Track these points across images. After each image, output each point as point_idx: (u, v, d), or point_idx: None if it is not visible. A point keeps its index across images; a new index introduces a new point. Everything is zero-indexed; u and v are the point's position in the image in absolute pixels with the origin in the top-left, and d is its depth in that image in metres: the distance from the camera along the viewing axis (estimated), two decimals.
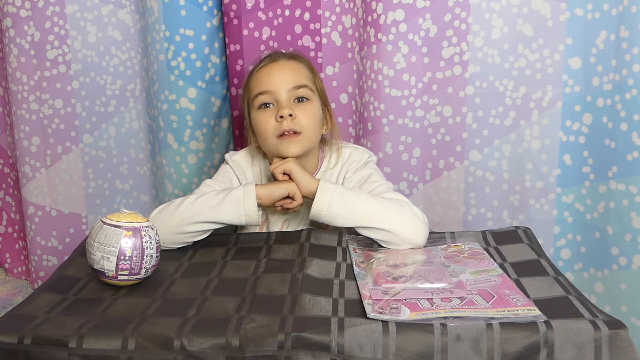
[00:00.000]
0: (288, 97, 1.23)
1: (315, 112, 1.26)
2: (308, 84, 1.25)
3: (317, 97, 1.27)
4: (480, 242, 1.10)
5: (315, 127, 1.26)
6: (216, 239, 1.16)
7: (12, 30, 1.58)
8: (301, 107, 1.24)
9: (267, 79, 1.25)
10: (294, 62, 1.28)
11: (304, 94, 1.24)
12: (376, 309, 0.83)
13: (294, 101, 1.24)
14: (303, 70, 1.28)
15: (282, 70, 1.26)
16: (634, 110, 1.26)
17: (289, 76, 1.25)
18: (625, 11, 1.26)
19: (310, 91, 1.25)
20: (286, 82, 1.24)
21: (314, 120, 1.25)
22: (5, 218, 1.87)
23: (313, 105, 1.25)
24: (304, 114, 1.23)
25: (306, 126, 1.23)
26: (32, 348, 0.81)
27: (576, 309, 0.83)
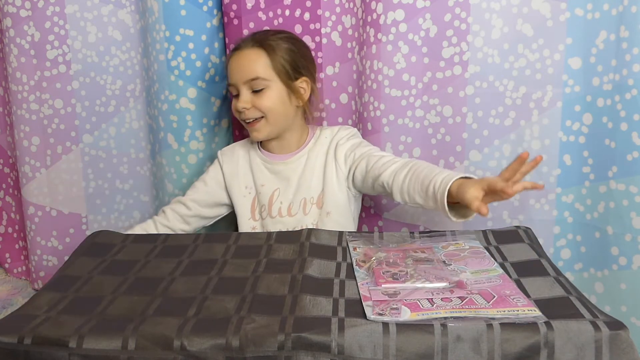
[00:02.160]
0: (246, 88, 1.36)
1: (274, 96, 1.36)
2: (261, 75, 1.34)
3: (277, 80, 1.35)
4: (481, 241, 1.10)
5: (278, 109, 1.36)
6: (216, 237, 1.16)
7: (12, 30, 1.58)
8: (258, 96, 1.35)
9: (230, 71, 1.38)
10: (254, 51, 1.36)
11: (258, 85, 1.34)
12: (376, 311, 0.83)
13: (253, 91, 1.35)
14: (259, 59, 1.35)
15: (239, 62, 1.37)
16: (634, 110, 1.26)
17: (244, 68, 1.35)
18: (625, 11, 1.26)
19: (264, 80, 1.34)
20: (241, 75, 1.35)
21: (273, 103, 1.35)
22: (5, 218, 1.87)
23: (270, 92, 1.35)
24: (260, 101, 1.35)
25: (266, 110, 1.35)
26: (32, 348, 0.82)
27: (577, 310, 0.83)
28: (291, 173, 1.40)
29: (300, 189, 1.39)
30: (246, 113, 1.36)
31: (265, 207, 1.40)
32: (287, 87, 1.36)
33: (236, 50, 1.39)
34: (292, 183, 1.39)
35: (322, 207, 1.37)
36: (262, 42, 1.36)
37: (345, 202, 1.38)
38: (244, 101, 1.35)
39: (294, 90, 1.37)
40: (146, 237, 1.19)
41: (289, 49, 1.37)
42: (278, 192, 1.40)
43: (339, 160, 1.37)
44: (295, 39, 1.43)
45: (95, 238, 1.18)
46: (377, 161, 1.30)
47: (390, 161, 1.28)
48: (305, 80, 1.39)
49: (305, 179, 1.39)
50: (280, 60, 1.35)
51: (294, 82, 1.37)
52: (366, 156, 1.33)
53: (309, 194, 1.38)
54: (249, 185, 1.43)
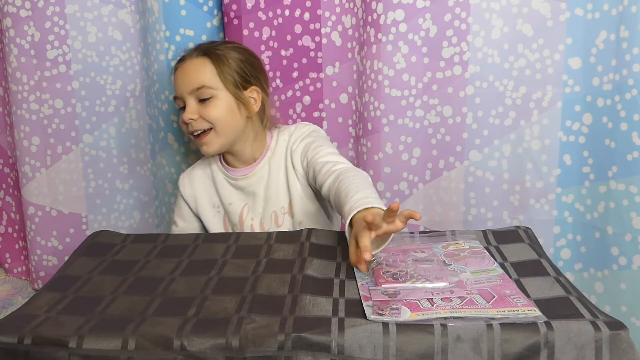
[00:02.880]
0: (192, 98, 1.29)
1: (222, 105, 1.29)
2: (206, 83, 1.28)
3: (223, 89, 1.29)
4: (481, 240, 1.10)
5: (226, 118, 1.29)
6: (216, 237, 1.16)
7: (12, 30, 1.58)
8: (205, 105, 1.28)
9: (175, 83, 1.32)
10: (198, 60, 1.30)
11: (205, 94, 1.28)
12: (376, 311, 0.83)
13: (199, 101, 1.29)
14: (204, 67, 1.29)
15: (183, 73, 1.31)
16: (634, 110, 1.26)
17: (189, 78, 1.29)
18: (625, 11, 1.26)
19: (210, 89, 1.28)
20: (186, 85, 1.29)
21: (221, 113, 1.29)
22: (5, 218, 1.87)
23: (218, 100, 1.29)
24: (208, 111, 1.28)
25: (214, 120, 1.28)
26: (32, 348, 0.81)
27: (577, 310, 0.83)
28: (256, 187, 1.34)
29: (269, 202, 1.33)
30: (193, 124, 1.28)
31: (237, 225, 1.35)
32: (236, 97, 1.30)
33: (180, 61, 1.33)
34: (259, 197, 1.33)
35: (294, 216, 1.32)
36: (207, 51, 1.31)
37: (316, 208, 1.32)
38: (190, 112, 1.28)
39: (243, 101, 1.31)
40: (146, 237, 1.19)
41: (237, 57, 1.31)
42: (247, 208, 1.34)
43: (296, 167, 1.32)
44: (243, 48, 1.37)
45: (95, 238, 1.18)
46: (320, 169, 1.23)
47: (328, 171, 1.21)
48: (255, 90, 1.32)
49: (271, 191, 1.33)
50: (226, 69, 1.30)
51: (243, 92, 1.31)
52: (312, 164, 1.27)
53: (278, 205, 1.33)
54: (216, 204, 1.38)
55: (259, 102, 1.33)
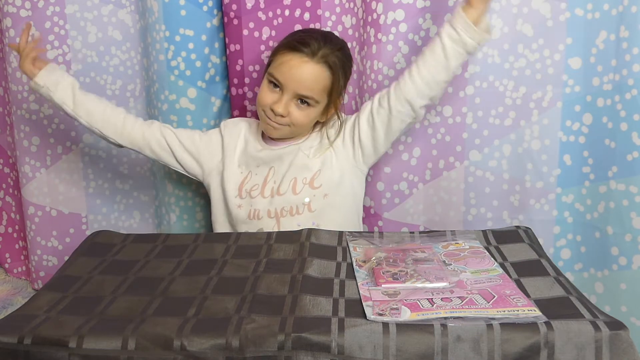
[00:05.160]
0: (292, 96, 1.28)
1: (312, 115, 1.31)
2: (316, 96, 1.28)
3: (323, 102, 1.31)
4: (481, 240, 1.10)
5: (306, 125, 1.33)
6: (216, 237, 1.16)
7: (12, 30, 1.58)
8: (300, 108, 1.29)
9: (285, 70, 1.27)
10: (319, 69, 1.27)
11: (308, 100, 1.29)
12: (376, 311, 0.83)
13: (297, 99, 1.28)
14: (323, 81, 1.28)
15: (301, 72, 1.27)
16: (634, 110, 1.26)
17: (302, 83, 1.27)
18: (625, 11, 1.26)
19: (314, 101, 1.29)
20: (297, 86, 1.27)
21: (306, 120, 1.31)
22: (5, 218, 1.87)
23: (312, 111, 1.30)
24: (299, 114, 1.30)
25: (296, 123, 1.30)
26: (32, 348, 0.82)
27: (577, 310, 0.83)
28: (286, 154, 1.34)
29: (292, 167, 1.32)
30: (278, 119, 1.29)
31: (258, 186, 1.33)
32: (327, 106, 1.33)
33: (302, 53, 1.27)
34: (285, 161, 1.33)
35: (319, 188, 1.31)
36: (329, 59, 1.28)
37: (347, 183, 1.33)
38: (284, 107, 1.27)
39: (328, 109, 1.34)
40: (146, 237, 1.19)
41: (347, 70, 1.33)
42: (273, 172, 1.34)
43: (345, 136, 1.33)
44: (349, 54, 1.37)
45: (95, 238, 1.18)
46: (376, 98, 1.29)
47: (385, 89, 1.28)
48: (338, 102, 1.35)
49: (300, 157, 1.33)
50: (337, 86, 1.31)
51: (334, 102, 1.33)
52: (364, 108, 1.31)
53: (301, 174, 1.32)
54: (241, 164, 1.36)
55: (334, 110, 1.35)
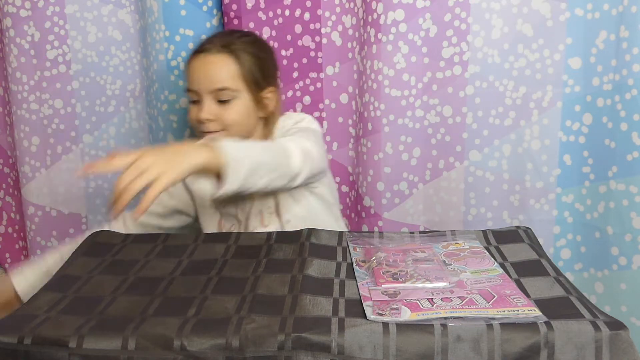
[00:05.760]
0: (210, 98, 1.23)
1: (240, 109, 1.24)
2: (229, 85, 1.22)
3: (244, 90, 1.24)
4: (481, 240, 1.10)
5: (242, 121, 1.25)
6: (216, 237, 1.16)
7: (12, 30, 1.58)
8: (224, 107, 1.23)
9: (193, 76, 1.25)
10: (221, 57, 1.23)
11: (226, 96, 1.23)
12: (376, 311, 0.83)
13: (218, 101, 1.23)
14: (228, 67, 1.23)
15: (204, 69, 1.24)
16: (634, 110, 1.27)
17: (210, 77, 1.23)
18: (625, 11, 1.26)
19: (232, 92, 1.23)
20: (206, 83, 1.23)
21: (239, 116, 1.24)
22: (5, 218, 1.87)
23: (237, 104, 1.24)
24: (227, 113, 1.23)
25: (231, 124, 1.24)
26: (32, 348, 0.81)
27: (577, 310, 0.83)
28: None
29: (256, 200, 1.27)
30: (208, 125, 1.23)
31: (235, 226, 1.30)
32: (255, 98, 1.25)
33: (199, 52, 1.25)
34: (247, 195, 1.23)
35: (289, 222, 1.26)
36: (230, 47, 1.24)
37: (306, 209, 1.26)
38: (207, 112, 1.22)
39: (260, 102, 1.26)
40: (146, 237, 1.19)
41: (258, 55, 1.26)
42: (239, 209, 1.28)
43: None
44: (263, 43, 1.32)
45: (95, 238, 1.18)
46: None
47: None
48: (271, 91, 1.28)
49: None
50: (249, 69, 1.24)
51: (261, 93, 1.26)
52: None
53: (265, 204, 1.26)
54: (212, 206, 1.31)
55: (274, 103, 1.29)
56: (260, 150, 1.05)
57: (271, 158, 1.05)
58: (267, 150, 1.07)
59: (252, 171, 0.99)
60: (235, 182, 0.96)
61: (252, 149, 1.04)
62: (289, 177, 1.08)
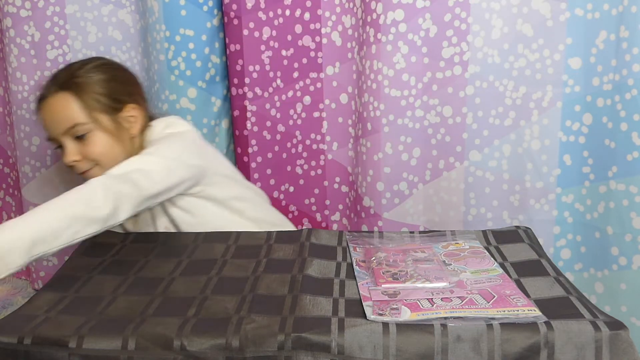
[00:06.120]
0: (68, 138, 1.22)
1: (101, 140, 1.22)
2: (77, 121, 1.20)
3: (98, 120, 1.21)
4: (481, 240, 1.11)
5: (109, 150, 1.22)
6: (216, 237, 1.16)
7: (12, 30, 1.58)
8: (84, 143, 1.21)
9: (44, 125, 1.24)
10: (60, 96, 1.22)
11: (79, 131, 1.21)
12: (376, 311, 0.83)
13: (76, 139, 1.21)
14: (69, 104, 1.21)
15: (50, 114, 1.23)
16: (634, 110, 1.26)
17: (57, 119, 1.21)
18: (625, 11, 1.26)
19: (83, 125, 1.21)
20: (57, 127, 1.22)
21: (102, 148, 1.22)
22: (5, 218, 1.87)
23: (96, 135, 1.22)
24: (89, 148, 1.21)
25: (98, 157, 1.22)
26: (32, 348, 0.82)
27: (577, 310, 0.83)
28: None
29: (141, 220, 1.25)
30: (78, 166, 1.22)
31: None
32: (113, 123, 1.23)
33: (41, 100, 1.24)
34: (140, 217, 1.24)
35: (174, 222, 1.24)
36: (65, 83, 1.22)
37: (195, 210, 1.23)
38: (71, 154, 1.21)
39: (122, 124, 1.24)
40: (146, 237, 1.19)
41: (101, 79, 1.24)
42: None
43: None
44: (108, 64, 1.29)
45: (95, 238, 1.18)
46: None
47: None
48: (133, 107, 1.26)
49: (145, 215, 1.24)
50: (93, 98, 1.22)
51: (120, 115, 1.24)
52: None
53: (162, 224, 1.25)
54: None
55: (141, 118, 1.27)
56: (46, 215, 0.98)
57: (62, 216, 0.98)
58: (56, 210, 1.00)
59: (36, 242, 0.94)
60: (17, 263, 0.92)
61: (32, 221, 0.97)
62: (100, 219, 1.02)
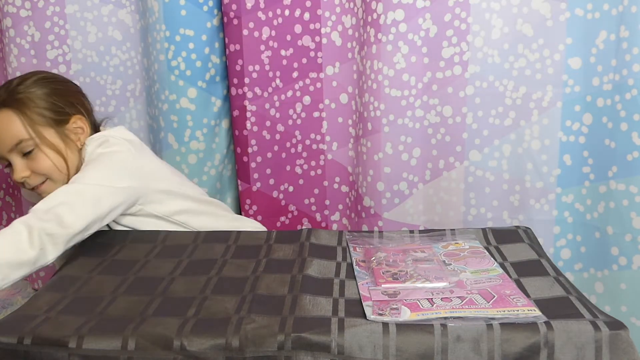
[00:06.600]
0: (15, 155, 1.20)
1: (49, 153, 1.20)
2: (22, 137, 1.18)
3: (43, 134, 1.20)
4: (481, 240, 1.10)
5: (60, 163, 1.21)
6: (216, 237, 1.16)
7: (12, 30, 1.58)
8: (32, 159, 1.20)
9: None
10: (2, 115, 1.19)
11: (26, 148, 1.19)
12: (376, 311, 0.83)
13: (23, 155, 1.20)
14: (11, 121, 1.19)
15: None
16: (634, 110, 1.26)
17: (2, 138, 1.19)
18: (625, 11, 1.26)
19: (29, 140, 1.19)
20: (2, 145, 1.20)
21: (53, 162, 1.20)
22: (5, 218, 1.87)
23: (43, 149, 1.20)
24: (37, 163, 1.20)
25: (47, 171, 1.20)
26: (32, 348, 0.82)
27: (577, 310, 0.83)
28: None
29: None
30: (29, 182, 1.20)
31: None
32: (60, 136, 1.21)
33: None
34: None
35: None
36: (6, 100, 1.20)
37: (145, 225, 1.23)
38: (20, 170, 1.19)
39: (69, 135, 1.23)
40: (146, 237, 1.19)
41: (42, 94, 1.22)
42: None
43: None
44: (45, 78, 1.26)
45: (95, 238, 1.18)
46: None
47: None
48: (78, 118, 1.25)
49: None
50: (36, 113, 1.20)
51: (66, 126, 1.23)
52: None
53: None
54: None
55: (87, 128, 1.26)
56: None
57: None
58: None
59: None
60: None
61: None
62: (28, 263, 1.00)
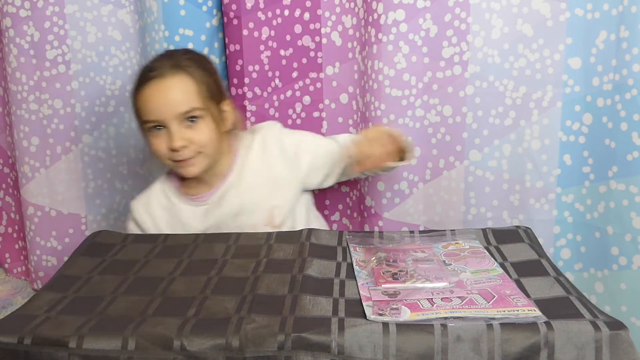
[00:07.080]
0: (177, 122, 1.18)
1: (210, 127, 1.21)
2: (196, 105, 1.18)
3: (208, 109, 1.21)
4: (481, 240, 1.11)
5: (214, 140, 1.22)
6: (216, 237, 1.16)
7: (11, 30, 1.58)
8: (194, 128, 1.19)
9: (150, 106, 1.19)
10: (177, 78, 1.19)
11: (194, 115, 1.19)
12: (376, 311, 0.83)
13: (184, 121, 1.19)
14: (187, 87, 1.19)
15: (166, 94, 1.18)
16: (634, 110, 1.26)
17: (174, 101, 1.18)
18: (625, 11, 1.26)
19: (199, 111, 1.19)
20: (171, 109, 1.17)
21: (210, 135, 1.21)
22: (5, 218, 1.87)
23: (206, 122, 1.20)
24: (198, 135, 1.19)
25: (205, 144, 1.20)
26: (32, 348, 0.82)
27: (577, 310, 0.83)
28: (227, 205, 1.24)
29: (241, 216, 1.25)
30: (182, 152, 1.18)
31: None
32: (216, 113, 1.23)
33: (152, 79, 1.19)
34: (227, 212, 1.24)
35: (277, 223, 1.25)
36: (181, 65, 1.20)
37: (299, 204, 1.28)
38: (180, 139, 1.17)
39: (221, 116, 1.24)
40: (146, 237, 1.19)
41: (209, 69, 1.25)
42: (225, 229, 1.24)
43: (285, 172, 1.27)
44: (207, 56, 1.30)
45: (95, 238, 1.18)
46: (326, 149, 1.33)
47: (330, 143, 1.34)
48: (228, 104, 1.27)
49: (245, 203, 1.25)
50: (208, 84, 1.21)
51: (220, 106, 1.25)
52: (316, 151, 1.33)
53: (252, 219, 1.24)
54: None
55: (232, 115, 1.27)
56: None
57: None
58: None
59: None
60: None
61: None
62: None
